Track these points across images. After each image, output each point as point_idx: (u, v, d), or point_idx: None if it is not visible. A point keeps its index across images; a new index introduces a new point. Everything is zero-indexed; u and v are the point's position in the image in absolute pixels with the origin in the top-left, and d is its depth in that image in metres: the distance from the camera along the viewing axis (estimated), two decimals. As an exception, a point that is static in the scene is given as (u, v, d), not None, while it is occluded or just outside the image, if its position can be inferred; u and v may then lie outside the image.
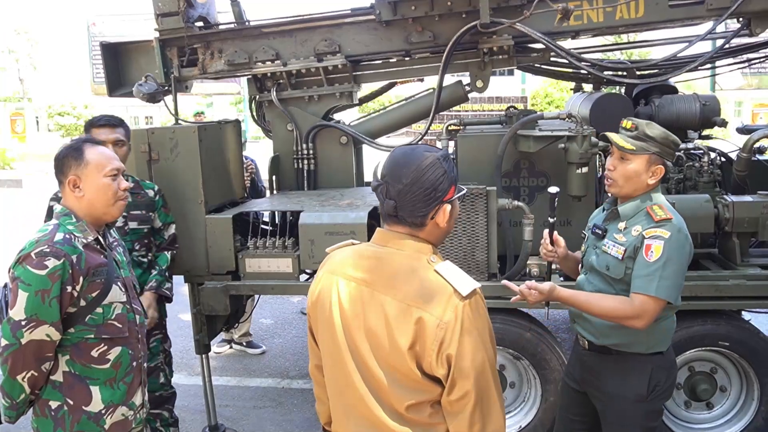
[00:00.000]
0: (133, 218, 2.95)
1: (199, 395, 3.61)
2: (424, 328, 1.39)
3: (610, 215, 2.28)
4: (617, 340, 2.20)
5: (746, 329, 3.06)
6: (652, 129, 2.14)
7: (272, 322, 5.60)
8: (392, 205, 1.46)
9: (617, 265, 2.16)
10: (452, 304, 1.39)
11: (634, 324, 2.05)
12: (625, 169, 2.16)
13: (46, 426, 1.98)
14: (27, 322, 1.85)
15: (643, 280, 2.06)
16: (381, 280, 1.47)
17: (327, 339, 1.55)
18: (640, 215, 2.16)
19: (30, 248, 1.90)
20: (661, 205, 2.14)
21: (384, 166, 1.49)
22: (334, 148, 3.83)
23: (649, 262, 2.05)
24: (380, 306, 1.45)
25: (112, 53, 3.95)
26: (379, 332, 1.44)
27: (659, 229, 2.07)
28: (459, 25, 3.35)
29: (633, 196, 2.20)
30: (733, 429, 3.15)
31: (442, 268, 1.44)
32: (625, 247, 2.14)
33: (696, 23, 3.67)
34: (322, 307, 1.55)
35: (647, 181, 2.16)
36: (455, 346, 1.38)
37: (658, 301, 2.04)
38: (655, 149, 2.13)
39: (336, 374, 1.55)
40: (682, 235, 2.09)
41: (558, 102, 19.76)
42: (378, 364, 1.46)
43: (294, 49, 3.71)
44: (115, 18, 17.99)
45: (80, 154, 2.03)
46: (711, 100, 3.71)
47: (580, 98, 4.04)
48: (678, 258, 2.06)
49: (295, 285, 3.25)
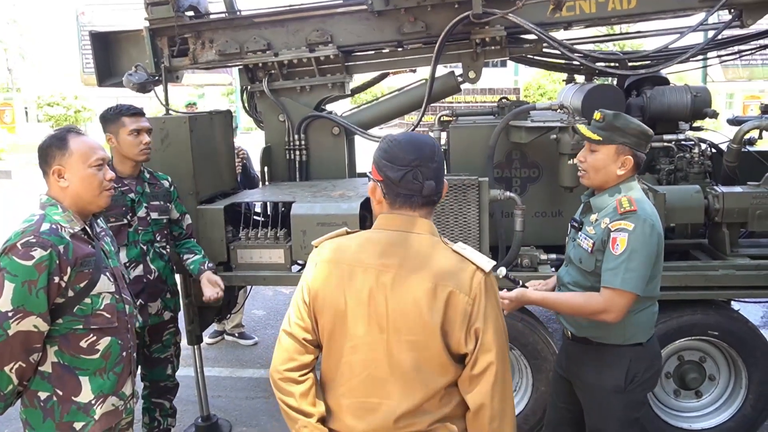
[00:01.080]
0: (154, 209, 2.93)
1: (191, 386, 3.61)
2: (454, 304, 1.46)
3: (585, 208, 2.32)
4: (595, 332, 2.24)
5: (735, 319, 3.09)
6: (619, 120, 2.15)
7: (264, 313, 5.60)
8: (433, 185, 1.51)
9: (588, 258, 2.19)
10: (477, 279, 1.48)
11: (605, 318, 2.08)
12: (594, 159, 2.19)
13: (35, 417, 1.97)
14: (14, 314, 1.84)
15: (609, 273, 2.08)
16: (405, 263, 1.49)
17: (339, 333, 1.53)
18: (609, 207, 2.18)
19: (15, 239, 1.88)
20: (629, 198, 2.14)
21: (405, 152, 1.50)
22: (326, 139, 3.82)
23: (615, 255, 2.07)
24: (407, 288, 1.47)
25: (102, 43, 3.91)
26: (407, 315, 1.47)
27: (623, 222, 2.09)
28: (451, 15, 3.34)
29: (605, 187, 2.22)
30: (722, 417, 3.19)
31: (459, 248, 1.53)
32: (593, 240, 2.17)
33: (688, 14, 3.68)
34: (333, 300, 1.53)
35: (616, 171, 2.17)
36: (482, 320, 1.47)
37: (624, 293, 2.05)
38: (622, 139, 2.14)
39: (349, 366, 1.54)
40: (647, 225, 2.08)
41: (550, 93, 19.76)
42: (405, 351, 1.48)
43: (286, 39, 3.68)
44: (105, 7, 17.76)
45: (64, 144, 2.00)
46: (702, 92, 3.72)
47: (572, 89, 4.04)
48: (643, 249, 2.06)
49: (287, 276, 3.24)
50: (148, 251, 2.90)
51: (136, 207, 2.87)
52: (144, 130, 2.86)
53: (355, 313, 1.51)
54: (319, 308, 1.56)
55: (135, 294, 2.82)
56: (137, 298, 2.84)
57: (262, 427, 3.70)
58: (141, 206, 2.89)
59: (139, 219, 2.87)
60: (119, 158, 2.88)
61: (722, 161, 3.49)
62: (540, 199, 3.37)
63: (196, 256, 3.03)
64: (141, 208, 2.88)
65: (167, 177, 3.07)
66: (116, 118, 2.84)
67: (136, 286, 2.83)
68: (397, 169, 1.50)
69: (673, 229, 3.45)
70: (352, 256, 1.54)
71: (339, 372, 1.56)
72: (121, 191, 2.83)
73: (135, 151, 2.83)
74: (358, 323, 1.50)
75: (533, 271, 3.12)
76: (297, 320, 1.59)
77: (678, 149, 3.61)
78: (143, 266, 2.87)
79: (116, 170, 2.84)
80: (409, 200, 1.52)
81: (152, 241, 2.92)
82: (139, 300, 2.85)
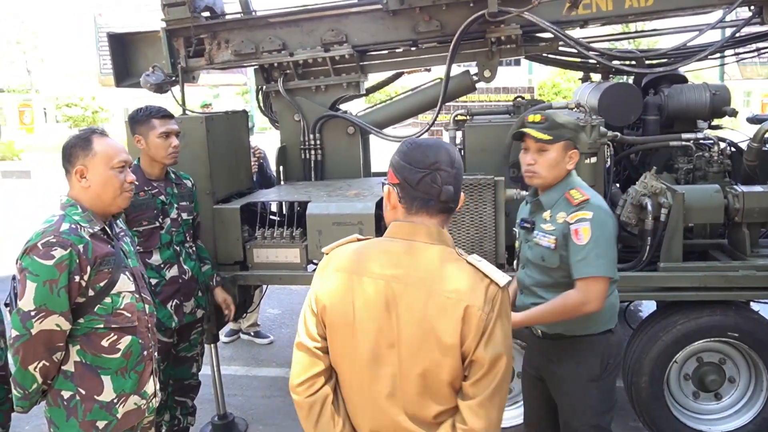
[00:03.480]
0: (183, 209, 2.95)
1: (208, 384, 3.63)
2: (470, 320, 1.40)
3: (534, 207, 2.35)
4: (568, 326, 2.26)
5: (755, 320, 3.05)
6: (561, 117, 2.26)
7: (280, 312, 5.63)
8: (452, 191, 1.47)
9: (551, 254, 2.22)
10: (491, 294, 1.43)
11: (587, 309, 2.12)
12: (546, 159, 2.23)
13: (59, 416, 2.00)
14: (36, 313, 1.86)
15: (580, 264, 2.13)
16: (416, 276, 1.43)
17: (348, 346, 1.48)
18: (560, 202, 2.24)
19: (36, 239, 1.90)
20: (577, 188, 2.23)
21: (426, 155, 1.46)
22: (341, 138, 3.83)
23: (580, 246, 2.13)
24: (418, 301, 1.42)
25: (119, 44, 3.95)
26: (419, 332, 1.41)
27: (581, 212, 2.16)
28: (467, 14, 3.33)
29: (553, 184, 2.27)
30: (742, 420, 3.14)
31: (474, 260, 1.47)
32: (555, 236, 2.21)
33: (706, 11, 3.63)
34: (341, 311, 1.48)
35: (566, 166, 2.25)
36: (494, 336, 1.42)
37: (599, 279, 2.12)
38: (568, 135, 2.24)
39: (358, 380, 1.49)
40: (602, 211, 2.17)
41: (565, 92, 19.63)
42: (414, 367, 1.43)
43: (301, 39, 3.69)
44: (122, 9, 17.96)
45: (88, 144, 2.03)
46: (721, 90, 3.68)
47: (588, 88, 4.01)
48: (604, 233, 2.14)
49: (302, 275, 3.25)
50: (180, 252, 2.92)
51: (167, 209, 2.88)
52: (173, 132, 2.85)
53: (363, 326, 1.45)
54: (328, 320, 1.50)
55: (171, 294, 2.87)
56: (173, 299, 2.88)
57: (279, 426, 3.72)
58: (172, 208, 2.89)
59: (171, 221, 2.88)
60: (148, 160, 2.87)
61: (742, 160, 3.44)
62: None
63: (206, 266, 3.09)
64: (173, 210, 2.89)
65: (189, 177, 3.09)
66: (146, 120, 2.82)
67: (171, 286, 2.86)
68: (415, 171, 1.45)
69: (692, 229, 3.40)
70: (362, 265, 1.48)
71: (348, 385, 1.52)
72: (152, 194, 2.83)
73: (164, 153, 2.83)
74: (367, 336, 1.45)
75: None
76: (306, 330, 1.54)
77: (697, 148, 3.56)
78: (177, 267, 2.89)
79: (145, 172, 2.86)
80: (425, 205, 1.46)
81: (184, 241, 2.94)
82: (175, 300, 2.88)
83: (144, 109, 2.88)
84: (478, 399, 1.42)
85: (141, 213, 2.78)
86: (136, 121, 2.86)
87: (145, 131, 2.82)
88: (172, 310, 2.87)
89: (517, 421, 3.23)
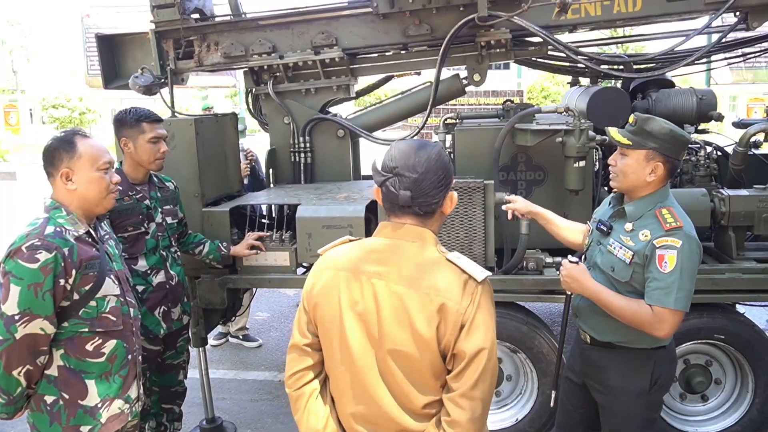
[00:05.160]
0: (168, 213, 2.88)
1: (196, 388, 3.61)
2: (446, 315, 1.43)
3: (617, 213, 2.23)
4: (621, 337, 2.20)
5: (741, 322, 3.08)
6: (652, 124, 2.08)
7: (268, 315, 5.60)
8: (408, 196, 1.47)
9: (624, 268, 2.12)
10: (469, 290, 1.46)
11: (657, 334, 2.04)
12: (624, 163, 2.14)
13: (42, 421, 1.97)
14: (20, 317, 1.84)
15: (660, 292, 2.02)
16: (397, 273, 1.48)
17: (336, 339, 1.53)
18: (648, 217, 2.12)
19: (20, 242, 1.88)
20: (670, 209, 2.10)
21: (392, 159, 1.49)
22: (331, 141, 3.82)
23: (664, 273, 2.02)
24: (398, 298, 1.46)
25: (108, 45, 3.92)
26: (398, 326, 1.46)
27: (670, 239, 2.03)
28: (457, 18, 3.34)
29: (634, 192, 2.17)
30: (728, 421, 3.18)
31: (454, 258, 1.50)
32: (633, 252, 2.09)
33: (693, 17, 3.67)
34: (329, 306, 1.53)
35: (646, 178, 2.11)
36: (473, 329, 1.44)
37: (677, 312, 2.02)
38: (653, 145, 2.08)
39: (346, 375, 1.54)
40: (693, 241, 2.05)
41: (554, 96, 19.76)
42: (396, 360, 1.47)
43: (291, 42, 3.69)
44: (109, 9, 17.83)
45: (72, 147, 2.01)
46: (708, 95, 3.71)
47: (577, 92, 4.03)
48: (691, 266, 2.04)
49: (292, 278, 3.24)
50: (167, 257, 2.85)
51: (153, 213, 2.80)
52: (162, 137, 2.79)
53: (350, 321, 1.50)
54: (319, 316, 1.56)
55: (159, 301, 2.80)
56: (161, 305, 2.81)
57: (267, 430, 3.70)
58: (157, 212, 2.82)
59: (156, 225, 2.81)
60: (132, 164, 2.78)
61: (728, 164, 3.47)
62: (545, 202, 3.32)
63: (207, 245, 3.07)
64: (157, 214, 2.82)
65: (170, 179, 3.04)
66: (136, 123, 2.73)
67: (159, 293, 2.80)
68: (379, 174, 1.51)
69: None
70: (350, 263, 1.53)
71: (339, 380, 1.57)
72: (136, 199, 2.75)
73: (151, 158, 2.75)
74: (353, 331, 1.50)
75: (539, 274, 3.11)
76: (298, 328, 1.63)
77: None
78: (164, 272, 2.82)
79: (128, 176, 2.77)
80: (393, 208, 1.52)
81: (169, 246, 2.89)
82: (162, 306, 2.81)
83: (132, 111, 2.77)
84: (459, 391, 1.44)
85: (126, 218, 2.70)
86: (123, 124, 2.75)
87: (134, 135, 2.73)
88: (160, 317, 2.80)
89: (508, 423, 3.24)
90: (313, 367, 1.61)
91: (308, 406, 1.59)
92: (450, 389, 1.47)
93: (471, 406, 1.44)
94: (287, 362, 1.65)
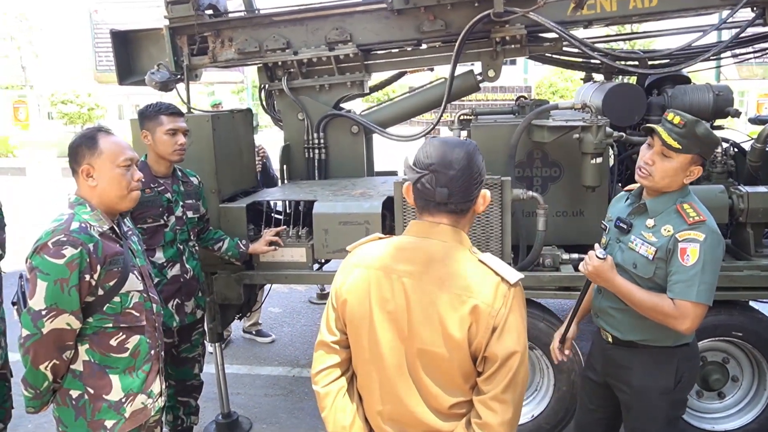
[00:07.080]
0: (189, 207, 2.93)
1: (211, 383, 3.63)
2: (479, 317, 1.42)
3: (637, 209, 2.20)
4: (644, 336, 2.19)
5: (759, 320, 3.06)
6: (700, 128, 2.03)
7: (281, 311, 5.62)
8: (445, 193, 1.45)
9: (646, 264, 2.10)
10: (501, 292, 1.44)
11: (681, 328, 2.02)
12: (665, 166, 2.07)
13: (67, 415, 1.99)
14: (47, 312, 1.86)
15: (682, 285, 2.01)
16: (428, 272, 1.46)
17: (365, 338, 1.52)
18: (669, 212, 2.10)
19: (46, 238, 1.90)
20: (692, 204, 2.08)
21: (427, 156, 1.47)
22: (345, 137, 3.83)
23: (686, 267, 2.01)
24: (429, 298, 1.45)
25: (122, 41, 3.93)
26: (429, 326, 1.44)
27: (693, 232, 2.02)
28: (471, 13, 3.33)
29: (662, 191, 2.14)
30: (745, 419, 3.16)
31: (486, 259, 1.48)
32: (656, 248, 2.08)
33: (710, 12, 3.64)
34: (359, 304, 1.52)
35: (683, 180, 2.09)
36: (505, 331, 1.43)
37: (699, 306, 2.00)
38: (698, 150, 2.05)
39: (374, 373, 1.53)
40: (716, 235, 2.03)
41: (562, 92, 19.63)
42: (425, 360, 1.46)
43: (305, 38, 3.69)
44: (117, 5, 17.84)
45: (94, 143, 2.02)
46: (724, 90, 3.68)
47: (591, 88, 4.01)
48: (714, 260, 2.02)
49: (308, 274, 3.25)
50: (184, 251, 2.90)
51: (173, 207, 2.86)
52: (181, 130, 2.83)
53: (380, 320, 1.49)
54: (348, 314, 1.55)
55: (172, 293, 2.84)
56: (174, 298, 2.86)
57: (282, 425, 3.72)
58: (178, 206, 2.87)
59: (176, 218, 2.86)
60: (155, 157, 2.85)
61: (745, 161, 3.45)
62: (561, 198, 3.35)
63: (226, 242, 3.08)
64: (178, 208, 2.87)
65: (195, 174, 3.07)
66: (155, 115, 2.80)
67: (173, 285, 2.84)
68: (415, 171, 1.48)
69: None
70: (380, 261, 1.52)
71: (367, 378, 1.56)
72: (158, 191, 2.81)
73: (169, 150, 2.80)
74: (383, 330, 1.49)
75: (555, 271, 3.11)
76: (326, 325, 1.62)
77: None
78: (180, 266, 2.87)
79: (152, 169, 2.83)
80: (428, 205, 1.49)
81: (188, 240, 2.93)
82: (176, 299, 2.86)
83: (154, 105, 2.85)
84: (491, 394, 1.44)
85: (146, 210, 2.76)
86: (144, 117, 2.83)
87: (153, 127, 2.80)
88: (173, 310, 2.86)
89: (524, 419, 3.24)
90: (340, 365, 1.61)
91: (335, 403, 1.58)
92: (481, 392, 1.46)
93: (502, 410, 1.43)
94: (314, 359, 1.64)
